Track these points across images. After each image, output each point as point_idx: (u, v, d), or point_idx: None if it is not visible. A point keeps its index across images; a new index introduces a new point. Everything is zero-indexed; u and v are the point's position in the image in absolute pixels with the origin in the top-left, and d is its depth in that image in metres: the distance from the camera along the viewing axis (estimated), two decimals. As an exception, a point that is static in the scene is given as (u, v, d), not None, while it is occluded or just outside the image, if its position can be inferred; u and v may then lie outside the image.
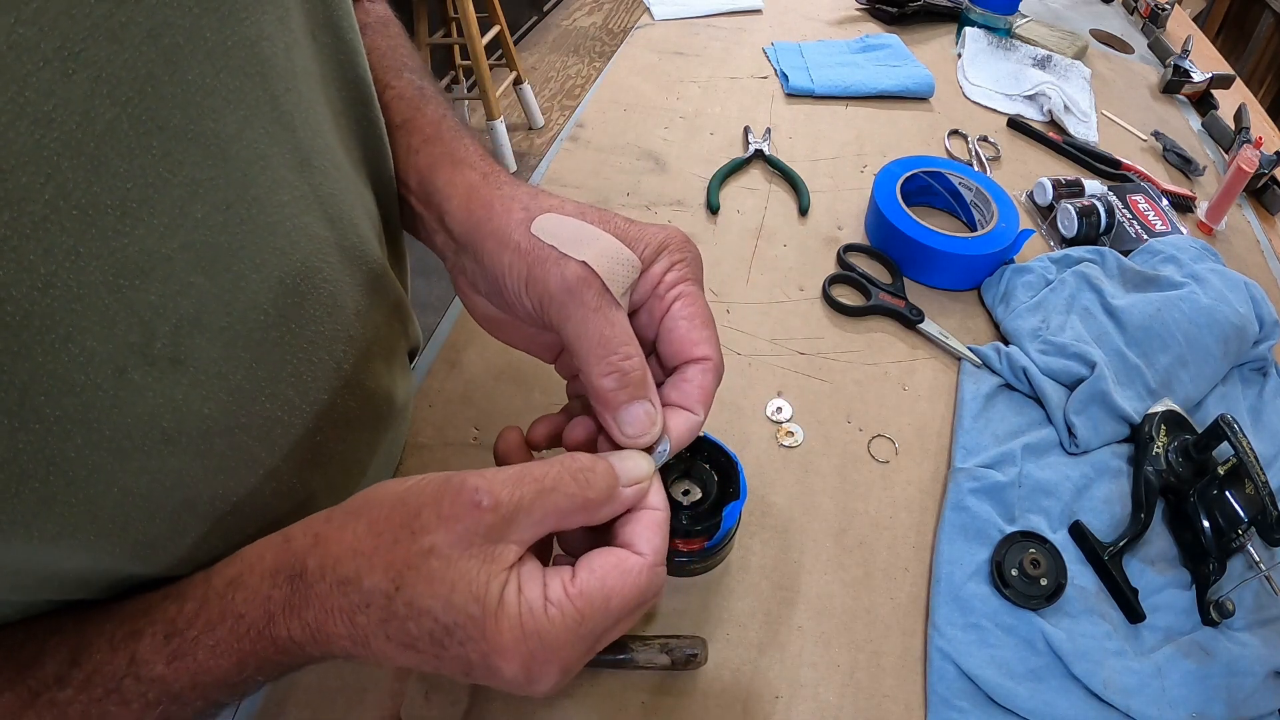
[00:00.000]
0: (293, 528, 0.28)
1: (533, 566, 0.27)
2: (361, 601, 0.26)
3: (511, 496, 0.25)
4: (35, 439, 0.22)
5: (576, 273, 0.30)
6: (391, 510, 0.26)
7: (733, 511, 0.41)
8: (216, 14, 0.25)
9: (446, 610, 0.25)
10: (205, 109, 0.25)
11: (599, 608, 0.26)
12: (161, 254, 0.24)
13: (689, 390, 0.32)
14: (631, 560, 0.27)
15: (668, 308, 0.32)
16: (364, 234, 0.37)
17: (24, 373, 0.21)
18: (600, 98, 0.87)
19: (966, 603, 0.45)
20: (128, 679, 0.27)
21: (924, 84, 0.89)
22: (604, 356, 0.30)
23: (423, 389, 0.56)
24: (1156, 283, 0.60)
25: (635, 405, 0.30)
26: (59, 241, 0.21)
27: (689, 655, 0.40)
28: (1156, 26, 1.10)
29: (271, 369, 0.31)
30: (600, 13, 3.30)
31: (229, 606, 0.28)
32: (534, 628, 0.25)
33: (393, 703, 0.40)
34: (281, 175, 0.30)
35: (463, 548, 0.25)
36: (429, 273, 1.71)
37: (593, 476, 0.27)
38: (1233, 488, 0.46)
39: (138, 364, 0.24)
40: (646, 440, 0.30)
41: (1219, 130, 0.89)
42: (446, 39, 2.28)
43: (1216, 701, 0.41)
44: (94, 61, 0.21)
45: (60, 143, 0.20)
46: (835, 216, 0.72)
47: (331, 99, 0.34)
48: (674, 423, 0.32)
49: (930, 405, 0.56)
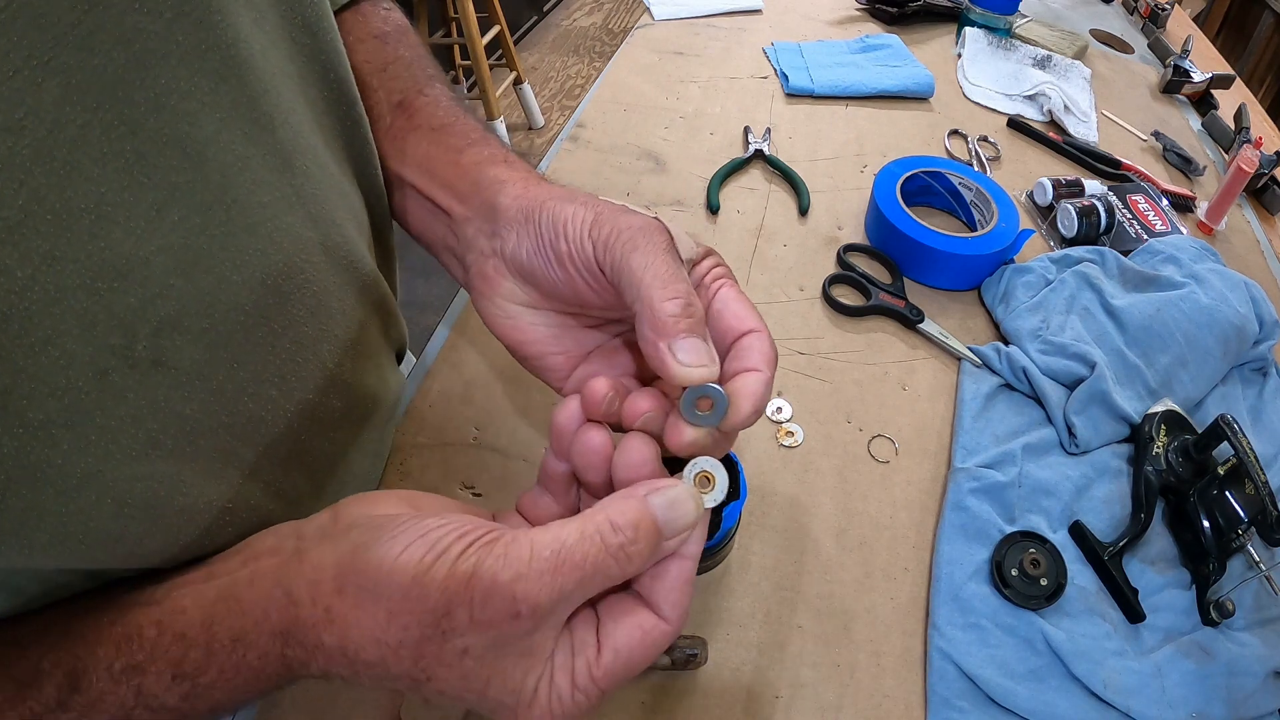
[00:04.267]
0: (294, 584, 0.27)
1: (564, 653, 0.26)
2: (389, 677, 0.25)
3: (551, 597, 0.24)
4: (20, 444, 0.22)
5: (652, 220, 0.30)
6: (412, 600, 0.24)
7: (733, 511, 0.41)
8: (190, 18, 0.25)
9: (480, 701, 0.25)
10: (180, 112, 0.25)
11: (619, 681, 0.26)
12: (139, 256, 0.24)
13: (750, 355, 0.30)
14: (657, 632, 0.26)
15: (714, 294, 0.32)
16: (348, 234, 0.37)
17: (5, 375, 0.21)
18: (600, 98, 0.87)
19: (966, 603, 0.45)
20: (139, 710, 0.27)
21: (924, 84, 0.89)
22: (671, 283, 0.28)
23: (422, 389, 0.56)
24: (1156, 283, 0.60)
25: (694, 337, 0.28)
26: (35, 246, 0.21)
27: (689, 655, 0.40)
28: (1156, 26, 1.09)
29: (254, 369, 0.31)
30: (600, 13, 3.30)
31: (243, 663, 0.27)
32: (561, 712, 0.25)
33: (393, 703, 0.40)
34: (261, 176, 0.30)
35: (498, 649, 0.24)
36: (429, 273, 1.72)
37: (635, 550, 0.25)
38: (1233, 488, 0.46)
39: (119, 366, 0.24)
40: (701, 373, 0.27)
41: (1219, 130, 0.89)
42: (446, 39, 2.28)
43: (1216, 701, 0.41)
44: (63, 69, 0.21)
45: (32, 149, 0.21)
46: (835, 216, 0.72)
47: (313, 100, 0.34)
48: (744, 381, 0.29)
49: (930, 405, 0.56)
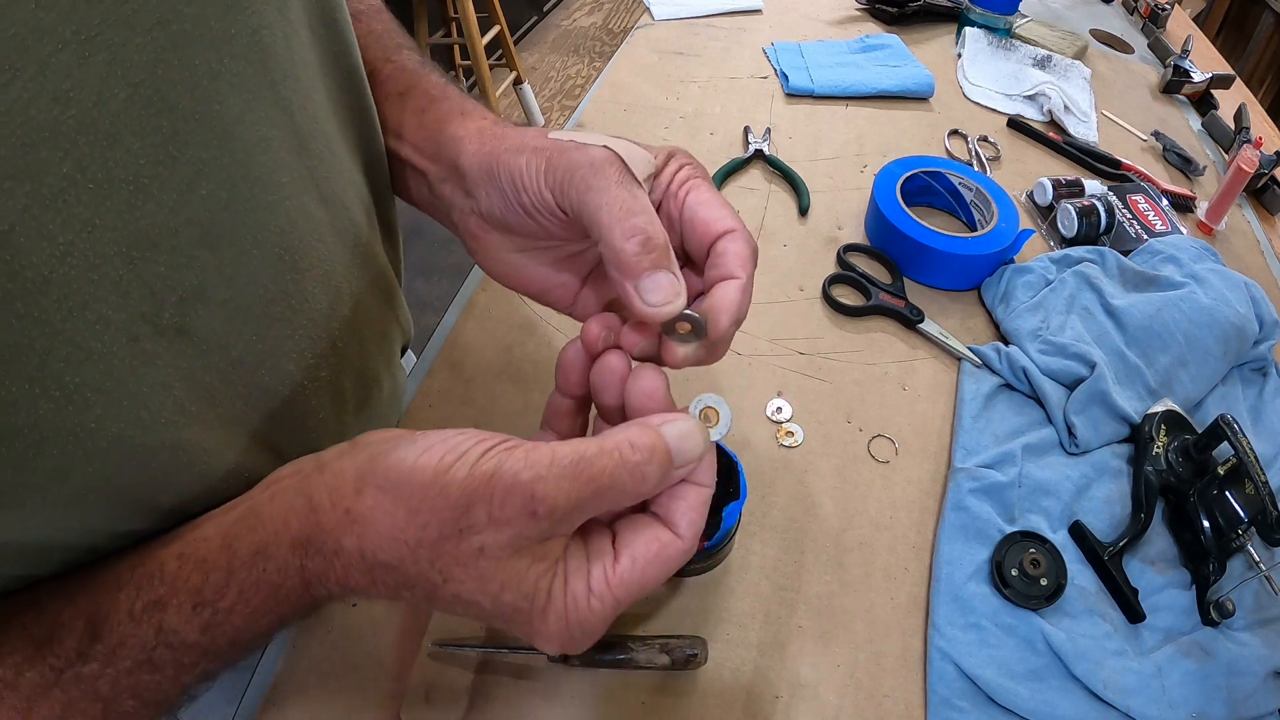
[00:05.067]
0: (315, 490, 0.27)
1: (578, 557, 0.27)
2: (406, 582, 0.26)
3: (568, 501, 0.24)
4: (55, 406, 0.23)
5: (600, 153, 0.30)
6: (432, 498, 0.25)
7: (733, 511, 0.41)
8: (220, 4, 0.27)
9: (495, 605, 0.25)
10: (210, 93, 0.26)
11: (635, 592, 0.27)
12: (169, 227, 0.25)
13: (725, 260, 0.30)
14: (673, 547, 0.27)
15: (683, 201, 0.31)
16: (356, 217, 0.38)
17: (43, 338, 0.22)
18: (600, 98, 0.87)
19: (966, 603, 0.45)
20: (159, 649, 0.27)
21: (924, 84, 0.89)
22: (627, 219, 0.28)
23: (422, 389, 0.56)
24: (1156, 283, 0.60)
25: (658, 273, 0.28)
26: (76, 212, 0.22)
27: (689, 655, 0.40)
28: (1156, 26, 1.09)
29: (272, 343, 0.32)
30: (600, 13, 3.30)
31: (262, 578, 0.27)
32: (577, 619, 0.26)
33: (393, 703, 0.40)
34: (281, 158, 0.31)
35: (513, 549, 0.25)
36: (429, 273, 1.72)
37: (649, 470, 0.26)
38: (1233, 488, 0.46)
39: (148, 333, 0.25)
40: (669, 310, 0.28)
41: (1219, 130, 0.89)
42: (446, 39, 2.28)
43: (1216, 701, 0.41)
44: (108, 45, 0.22)
45: (77, 120, 0.22)
46: (835, 216, 0.72)
47: (328, 87, 0.35)
48: (720, 293, 0.30)
49: (930, 405, 0.56)
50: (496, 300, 0.62)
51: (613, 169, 0.29)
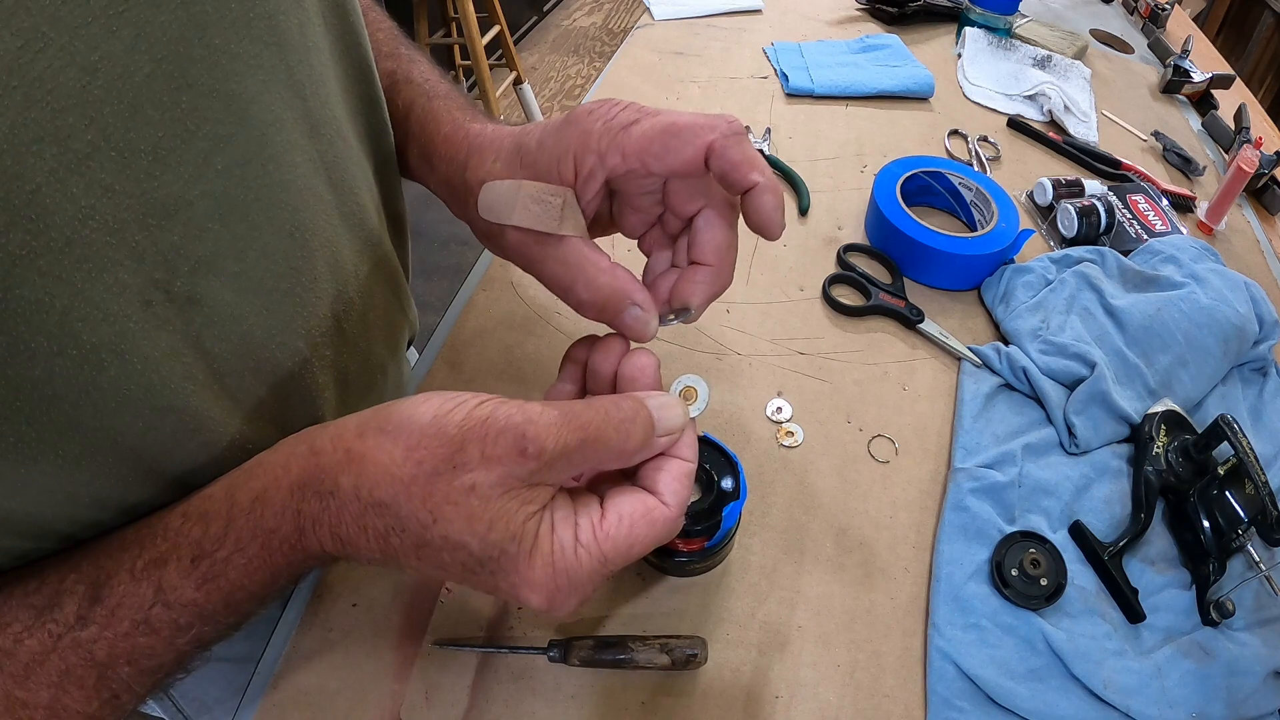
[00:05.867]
0: (318, 438, 0.29)
1: (565, 507, 0.28)
2: (397, 525, 0.26)
3: (556, 445, 0.26)
4: (72, 364, 0.23)
5: (515, 238, 0.33)
6: (429, 437, 0.26)
7: (733, 511, 0.41)
8: None
9: (482, 546, 0.26)
10: (229, 71, 0.27)
11: (622, 551, 0.28)
12: (185, 199, 0.26)
13: (700, 240, 0.34)
14: (659, 512, 0.29)
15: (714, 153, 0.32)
16: (363, 203, 0.39)
17: (64, 296, 0.23)
18: (600, 98, 0.86)
19: (966, 603, 0.45)
20: (156, 608, 0.28)
21: (924, 84, 0.89)
22: (570, 289, 0.32)
23: (422, 388, 0.56)
24: (1156, 283, 0.60)
25: (625, 313, 0.32)
26: (99, 178, 0.23)
27: (689, 655, 0.40)
28: (1156, 26, 1.09)
29: (280, 318, 0.33)
30: (600, 13, 3.30)
31: (259, 523, 0.28)
32: (563, 566, 0.27)
33: (393, 703, 0.40)
34: (293, 138, 0.32)
35: (502, 489, 0.26)
36: (429, 273, 1.72)
37: (633, 429, 0.28)
38: (1233, 488, 0.46)
39: (161, 299, 0.26)
40: (650, 332, 0.33)
41: (1219, 130, 0.89)
42: (446, 39, 2.27)
43: (1216, 701, 0.41)
44: (134, 21, 0.23)
45: (103, 89, 0.23)
46: (835, 216, 0.72)
47: (339, 75, 0.36)
48: (693, 286, 0.33)
49: (930, 405, 0.56)
50: (496, 300, 0.62)
51: (533, 247, 0.33)
